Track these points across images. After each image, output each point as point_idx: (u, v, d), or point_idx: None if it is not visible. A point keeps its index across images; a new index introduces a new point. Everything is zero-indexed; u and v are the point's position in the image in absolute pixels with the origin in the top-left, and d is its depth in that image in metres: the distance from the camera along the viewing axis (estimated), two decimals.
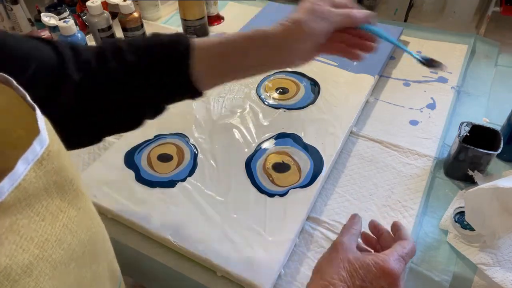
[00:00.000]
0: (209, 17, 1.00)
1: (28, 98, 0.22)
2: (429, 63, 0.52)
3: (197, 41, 0.44)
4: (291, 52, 0.44)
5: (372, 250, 0.45)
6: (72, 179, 0.27)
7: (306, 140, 0.66)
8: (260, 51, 0.44)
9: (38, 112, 0.21)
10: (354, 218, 0.46)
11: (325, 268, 0.39)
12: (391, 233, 0.45)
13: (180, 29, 0.97)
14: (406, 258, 0.40)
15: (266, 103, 0.75)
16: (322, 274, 0.39)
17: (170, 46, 0.43)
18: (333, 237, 0.55)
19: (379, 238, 0.46)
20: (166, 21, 1.06)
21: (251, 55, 0.44)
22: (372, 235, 0.47)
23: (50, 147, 0.21)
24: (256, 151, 0.65)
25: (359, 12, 0.45)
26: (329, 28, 0.44)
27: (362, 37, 0.48)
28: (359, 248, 0.43)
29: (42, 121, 0.21)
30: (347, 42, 0.48)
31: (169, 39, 0.43)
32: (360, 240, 0.47)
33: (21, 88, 0.22)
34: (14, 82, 0.22)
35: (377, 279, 0.38)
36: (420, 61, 0.52)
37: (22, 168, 0.19)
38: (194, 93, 0.45)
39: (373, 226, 0.47)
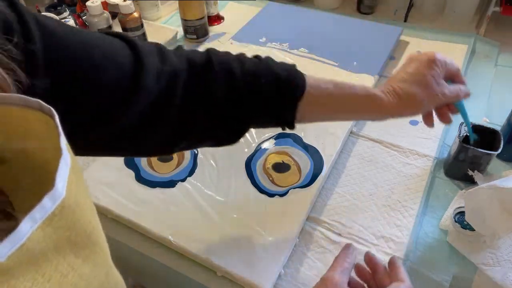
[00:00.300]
0: (209, 17, 1.00)
1: (62, 140, 0.20)
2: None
3: (309, 81, 0.43)
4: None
5: (366, 286, 0.43)
6: (91, 232, 0.23)
7: (306, 140, 0.66)
8: (366, 113, 0.46)
9: (62, 160, 0.19)
10: (347, 249, 0.43)
11: None
12: (387, 268, 0.43)
13: (180, 29, 0.97)
14: None
15: None
16: None
17: (286, 82, 0.42)
18: (333, 237, 0.55)
19: (374, 274, 0.43)
20: (166, 21, 1.06)
21: (356, 112, 0.46)
22: (366, 267, 0.44)
23: (65, 202, 0.18)
24: (256, 151, 0.65)
25: (464, 92, 0.47)
26: (437, 106, 0.46)
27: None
28: (351, 284, 0.40)
29: (62, 171, 0.19)
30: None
31: (287, 74, 0.43)
32: (353, 273, 0.44)
33: (59, 128, 0.20)
34: (57, 119, 0.20)
35: None
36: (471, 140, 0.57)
37: (27, 227, 0.17)
38: (290, 126, 0.44)
39: (369, 259, 0.44)
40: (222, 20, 1.04)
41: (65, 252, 0.20)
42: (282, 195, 0.58)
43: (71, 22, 0.77)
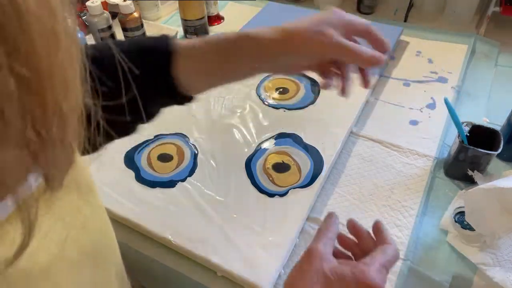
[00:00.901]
0: (209, 17, 1.00)
1: None
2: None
3: (181, 43, 0.40)
4: (282, 64, 0.41)
5: (351, 254, 0.42)
6: (85, 173, 0.27)
7: (306, 140, 0.66)
8: (249, 57, 0.40)
9: None
10: (330, 218, 0.41)
11: (297, 283, 0.36)
12: (371, 234, 0.41)
13: (180, 29, 0.97)
14: (388, 266, 0.36)
15: (266, 103, 0.74)
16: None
17: (150, 50, 0.40)
18: None
19: (359, 241, 0.41)
20: (166, 21, 1.06)
21: (239, 61, 0.41)
22: (351, 236, 0.43)
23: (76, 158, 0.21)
24: (256, 151, 0.65)
25: (367, 54, 0.39)
26: (325, 55, 0.41)
27: (361, 72, 0.44)
28: (336, 254, 0.39)
29: None
30: (343, 73, 0.45)
31: (148, 44, 0.40)
32: (337, 243, 0.42)
33: None
34: None
35: None
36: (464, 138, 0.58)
37: None
38: (182, 98, 0.42)
39: (352, 226, 0.42)
40: (222, 20, 1.04)
41: (72, 191, 0.25)
42: (282, 195, 0.58)
43: None
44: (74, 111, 0.21)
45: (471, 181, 0.59)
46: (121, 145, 0.67)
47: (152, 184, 0.61)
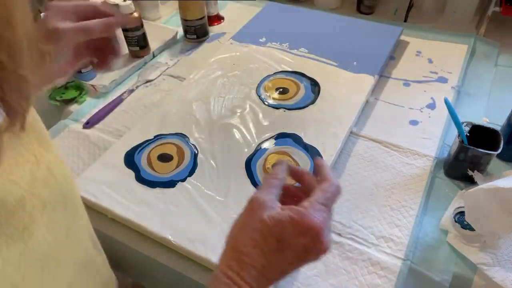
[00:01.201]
0: (209, 17, 1.00)
1: None
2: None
3: None
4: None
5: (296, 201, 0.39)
6: (42, 126, 0.31)
7: (306, 140, 0.66)
8: None
9: None
10: (278, 165, 0.39)
11: (237, 235, 0.35)
12: (312, 175, 0.39)
13: (180, 29, 0.97)
14: (329, 203, 0.35)
15: (266, 103, 0.74)
16: (234, 243, 0.34)
17: None
18: (333, 237, 0.55)
19: (302, 184, 0.39)
20: (166, 21, 1.06)
21: None
22: (293, 183, 0.41)
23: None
24: (256, 151, 0.65)
25: (96, 24, 0.42)
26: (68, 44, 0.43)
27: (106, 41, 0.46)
28: (282, 202, 0.36)
29: None
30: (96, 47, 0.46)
31: None
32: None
33: None
34: None
35: (294, 237, 0.33)
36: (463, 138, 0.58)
37: None
38: None
39: (292, 172, 0.40)
40: (222, 20, 1.04)
41: (31, 137, 0.29)
42: None
43: None
44: (22, 42, 0.23)
45: (471, 181, 0.59)
46: (121, 145, 0.67)
47: (152, 184, 0.61)
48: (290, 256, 0.33)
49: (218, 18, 1.04)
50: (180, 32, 0.98)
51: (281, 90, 0.77)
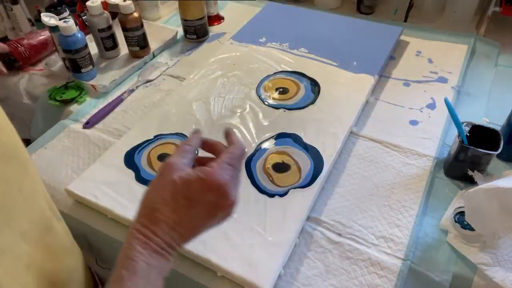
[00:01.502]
0: (209, 17, 1.00)
1: None
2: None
3: None
4: None
5: None
6: None
7: (306, 140, 0.66)
8: None
9: None
10: (192, 134, 0.42)
11: (149, 196, 0.37)
12: (224, 146, 0.42)
13: (180, 29, 0.97)
14: (234, 163, 0.38)
15: (266, 103, 0.74)
16: (146, 202, 0.37)
17: None
18: (333, 237, 0.55)
19: (216, 155, 0.42)
20: (166, 21, 1.06)
21: None
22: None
23: None
24: (256, 151, 0.65)
25: None
26: None
27: None
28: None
29: None
30: None
31: None
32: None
33: None
34: None
35: (202, 194, 0.35)
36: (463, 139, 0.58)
37: None
38: None
39: (205, 144, 0.42)
40: (222, 20, 1.04)
41: None
42: (282, 195, 0.58)
43: (71, 22, 0.76)
44: None
45: (471, 181, 0.59)
46: (121, 145, 0.67)
47: None
48: (200, 212, 0.36)
49: (218, 18, 1.04)
50: (180, 32, 0.98)
51: (281, 90, 0.77)
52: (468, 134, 0.59)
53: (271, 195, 0.58)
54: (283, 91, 0.77)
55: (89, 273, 0.51)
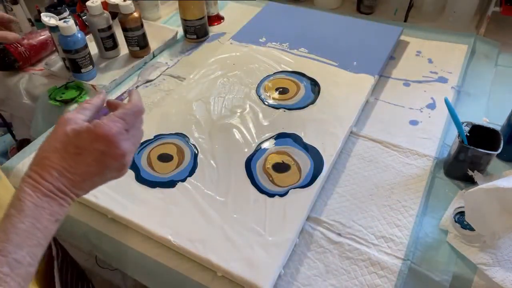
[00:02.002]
0: (209, 17, 1.00)
1: None
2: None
3: None
4: None
5: None
6: None
7: (306, 140, 0.66)
8: None
9: None
10: (96, 95, 0.44)
11: (42, 146, 0.39)
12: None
13: (180, 29, 0.97)
14: (126, 117, 0.40)
15: (266, 103, 0.75)
16: (39, 152, 0.39)
17: None
18: (333, 237, 0.55)
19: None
20: (166, 21, 1.06)
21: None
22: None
23: None
24: (256, 151, 0.65)
25: None
26: None
27: None
28: None
29: None
30: None
31: None
32: None
33: None
34: None
35: (90, 143, 0.38)
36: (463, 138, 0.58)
37: None
38: None
39: (110, 104, 0.44)
40: (222, 20, 1.04)
41: None
42: (282, 195, 0.58)
43: (71, 22, 0.76)
44: None
45: (471, 181, 0.59)
46: None
47: (152, 184, 0.61)
48: (88, 159, 0.38)
49: (218, 18, 1.04)
50: (180, 32, 0.98)
51: (281, 90, 0.77)
52: (468, 134, 0.59)
53: (271, 195, 0.58)
54: (283, 91, 0.77)
55: None
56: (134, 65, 0.88)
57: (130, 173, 0.63)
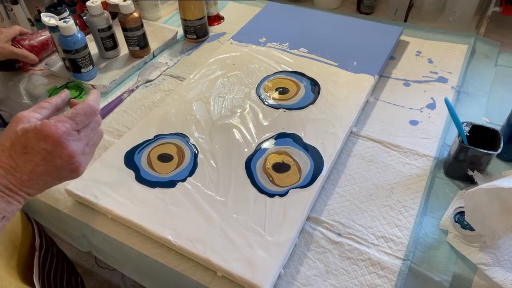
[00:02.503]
0: (209, 17, 1.00)
1: None
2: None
3: None
4: None
5: None
6: None
7: (306, 140, 0.66)
8: None
9: None
10: (58, 94, 0.46)
11: None
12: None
13: (180, 29, 0.97)
14: (76, 117, 0.41)
15: (266, 103, 0.75)
16: None
17: None
18: (333, 237, 0.55)
19: None
20: (166, 21, 1.06)
21: None
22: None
23: None
24: (256, 151, 0.65)
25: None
26: None
27: None
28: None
29: None
30: None
31: None
32: None
33: None
34: None
35: (37, 142, 0.38)
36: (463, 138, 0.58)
37: None
38: None
39: (71, 104, 0.45)
40: (222, 20, 1.04)
41: None
42: (282, 195, 0.58)
43: (71, 22, 0.76)
44: None
45: (471, 181, 0.59)
46: (121, 145, 0.67)
47: (152, 184, 0.61)
48: (36, 159, 0.39)
49: (218, 18, 1.04)
50: (180, 32, 0.98)
51: (281, 90, 0.77)
52: (468, 134, 0.59)
53: (271, 195, 0.58)
54: (283, 91, 0.77)
55: (28, 223, 0.56)
56: (134, 65, 0.88)
57: (130, 173, 0.63)
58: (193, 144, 0.67)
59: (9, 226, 0.56)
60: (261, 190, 0.59)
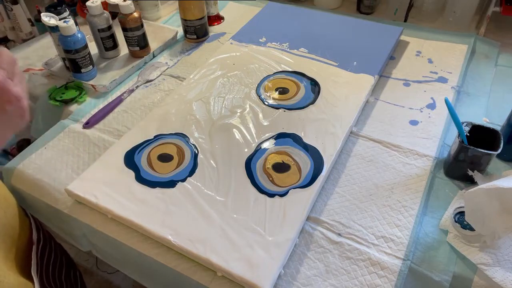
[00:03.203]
0: (209, 17, 1.00)
1: None
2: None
3: None
4: None
5: None
6: None
7: (306, 140, 0.66)
8: None
9: None
10: None
11: None
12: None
13: (180, 29, 0.97)
14: (2, 65, 0.41)
15: (266, 103, 0.75)
16: None
17: None
18: (333, 237, 0.55)
19: None
20: (166, 21, 1.06)
21: None
22: None
23: None
24: (256, 151, 0.65)
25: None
26: None
27: None
28: None
29: None
30: None
31: None
32: None
33: None
34: None
35: None
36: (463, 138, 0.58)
37: None
38: None
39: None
40: (222, 20, 1.04)
41: None
42: (282, 195, 0.58)
43: (71, 22, 0.76)
44: None
45: (471, 181, 0.59)
46: (121, 145, 0.67)
47: (152, 184, 0.61)
48: None
49: (218, 18, 1.04)
50: (180, 32, 0.98)
51: (281, 90, 0.77)
52: (468, 134, 0.59)
53: (271, 195, 0.58)
54: (283, 91, 0.77)
55: (25, 217, 0.56)
56: (134, 65, 0.88)
57: (130, 173, 0.63)
58: (193, 144, 0.67)
59: (7, 220, 0.56)
60: (261, 190, 0.59)
